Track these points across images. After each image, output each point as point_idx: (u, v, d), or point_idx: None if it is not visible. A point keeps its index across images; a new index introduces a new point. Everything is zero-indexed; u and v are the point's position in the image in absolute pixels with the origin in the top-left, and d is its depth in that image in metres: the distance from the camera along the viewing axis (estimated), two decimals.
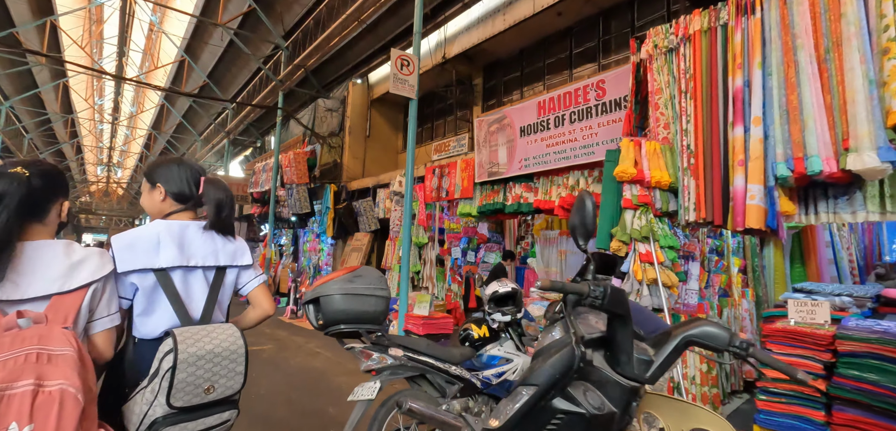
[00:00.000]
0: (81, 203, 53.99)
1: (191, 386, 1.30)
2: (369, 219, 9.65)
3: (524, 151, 6.40)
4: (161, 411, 1.28)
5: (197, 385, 1.31)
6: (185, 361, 1.28)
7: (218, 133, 19.94)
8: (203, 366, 1.32)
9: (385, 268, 8.78)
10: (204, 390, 1.32)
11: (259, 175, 13.51)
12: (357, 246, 9.89)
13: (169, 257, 1.42)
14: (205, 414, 1.35)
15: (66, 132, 25.10)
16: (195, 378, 1.30)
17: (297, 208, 10.57)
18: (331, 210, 10.41)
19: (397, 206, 8.83)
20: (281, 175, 11.43)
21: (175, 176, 1.55)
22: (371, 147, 11.67)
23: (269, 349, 6.58)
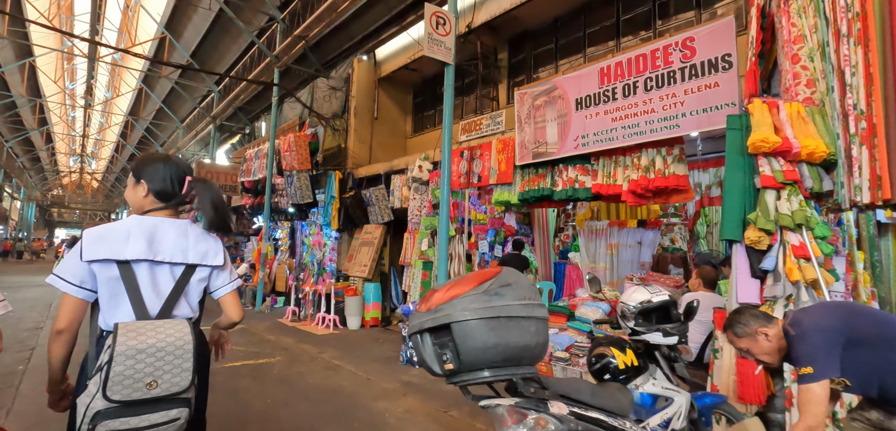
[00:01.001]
0: (53, 197, 51.31)
1: (129, 380, 1.28)
2: (382, 209, 8.61)
3: (581, 127, 5.45)
4: (101, 404, 1.27)
5: (136, 378, 1.29)
6: (123, 354, 1.28)
7: (202, 119, 18.53)
8: (143, 360, 1.30)
9: (404, 264, 7.77)
10: (145, 385, 1.30)
11: (251, 163, 12.30)
12: (367, 240, 8.84)
13: (135, 250, 1.42)
14: (149, 410, 1.32)
15: (35, 119, 23.27)
16: (134, 372, 1.28)
17: (298, 197, 9.46)
18: (336, 200, 9.33)
19: (416, 194, 7.82)
20: (278, 161, 10.28)
21: (159, 174, 1.55)
22: (377, 131, 10.59)
23: (279, 362, 5.53)
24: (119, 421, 1.28)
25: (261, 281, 10.23)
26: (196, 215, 1.61)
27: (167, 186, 1.54)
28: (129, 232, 1.44)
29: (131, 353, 1.28)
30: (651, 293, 2.25)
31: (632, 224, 6.24)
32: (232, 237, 16.63)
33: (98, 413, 1.27)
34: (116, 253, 1.40)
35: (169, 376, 1.33)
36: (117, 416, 1.28)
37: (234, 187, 14.40)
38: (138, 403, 1.30)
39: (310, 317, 8.66)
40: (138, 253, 1.42)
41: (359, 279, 8.55)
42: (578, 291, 6.39)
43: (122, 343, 1.28)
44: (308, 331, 7.74)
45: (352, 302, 8.06)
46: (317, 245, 8.93)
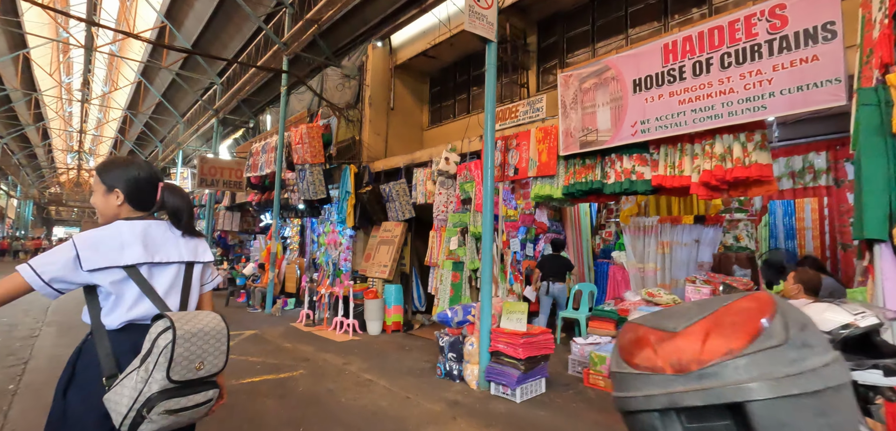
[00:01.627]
0: (50, 195, 50.57)
1: (186, 361, 1.37)
2: (403, 205, 8.02)
3: (639, 112, 4.87)
4: (157, 386, 1.33)
5: (191, 360, 1.38)
6: (183, 337, 1.36)
7: (203, 113, 17.87)
8: (196, 343, 1.39)
9: (429, 265, 7.19)
10: (195, 366, 1.39)
11: (257, 157, 11.68)
12: (386, 238, 8.25)
13: (134, 255, 1.46)
14: (194, 391, 1.40)
15: (30, 114, 22.59)
16: (190, 353, 1.37)
17: (310, 193, 8.86)
18: (351, 195, 8.73)
19: (442, 188, 7.23)
20: (288, 155, 9.67)
21: (133, 182, 1.54)
22: (393, 123, 9.99)
23: (303, 376, 4.95)
24: (173, 401, 1.36)
25: (270, 282, 9.65)
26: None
27: (143, 194, 1.56)
28: (123, 238, 1.47)
29: (188, 336, 1.37)
30: (853, 314, 1.67)
31: (687, 220, 5.67)
32: (236, 238, 16.04)
33: (153, 396, 1.33)
34: (115, 260, 1.43)
35: (212, 357, 1.44)
36: (170, 397, 1.35)
37: (238, 182, 13.77)
38: (187, 384, 1.39)
39: (325, 321, 8.08)
40: (137, 258, 1.46)
41: (378, 280, 7.96)
42: (627, 294, 5.82)
43: (180, 328, 1.36)
44: (326, 337, 7.16)
45: (372, 306, 7.48)
46: (332, 244, 8.35)
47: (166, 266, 1.53)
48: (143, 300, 1.46)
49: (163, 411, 1.33)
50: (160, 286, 1.50)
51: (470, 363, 4.73)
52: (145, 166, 1.60)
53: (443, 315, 5.13)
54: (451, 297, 6.43)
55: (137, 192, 1.54)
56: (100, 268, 1.39)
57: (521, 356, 4.23)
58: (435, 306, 6.78)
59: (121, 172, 1.54)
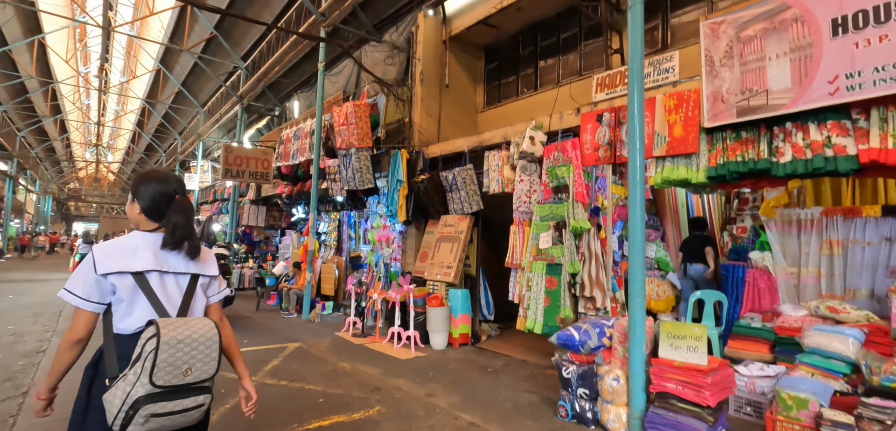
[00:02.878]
0: (69, 190, 50.51)
1: (171, 367, 1.41)
2: (469, 195, 6.78)
3: (844, 62, 3.54)
4: (143, 390, 1.38)
5: (176, 366, 1.42)
6: (167, 343, 1.41)
7: (225, 101, 16.85)
8: (182, 349, 1.44)
9: (510, 266, 5.95)
10: (182, 372, 1.43)
11: (288, 145, 10.55)
12: (448, 234, 7.03)
13: (145, 262, 1.56)
14: (183, 396, 1.45)
15: (47, 106, 21.89)
16: (175, 359, 1.42)
17: (357, 181, 7.67)
18: (404, 185, 7.52)
19: (524, 174, 5.97)
20: (326, 140, 8.50)
21: (150, 194, 1.65)
22: (445, 103, 8.75)
23: (382, 415, 3.75)
24: (159, 405, 1.40)
25: (308, 285, 8.50)
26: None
27: (157, 204, 1.65)
28: (136, 247, 1.58)
29: (173, 343, 1.42)
30: None
31: (871, 212, 4.34)
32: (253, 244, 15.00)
33: (139, 399, 1.38)
34: (128, 266, 1.53)
35: (201, 364, 1.47)
36: (158, 400, 1.40)
37: (265, 174, 12.69)
38: (176, 389, 1.43)
39: (378, 331, 6.90)
40: (147, 265, 1.56)
41: (441, 283, 6.75)
42: (783, 307, 4.51)
43: (165, 335, 1.41)
44: (386, 353, 5.98)
45: (437, 315, 6.27)
46: (383, 241, 7.16)
47: (174, 276, 1.62)
48: (148, 308, 1.54)
49: (148, 414, 1.38)
50: (166, 295, 1.59)
51: (613, 403, 3.49)
52: (166, 181, 1.68)
53: (567, 338, 3.89)
54: (547, 307, 5.18)
55: (151, 203, 1.64)
56: (112, 272, 1.51)
57: (709, 402, 2.96)
58: (521, 317, 5.54)
59: (142, 183, 1.66)
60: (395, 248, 7.32)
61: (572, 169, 5.39)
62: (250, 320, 8.27)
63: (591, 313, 5.23)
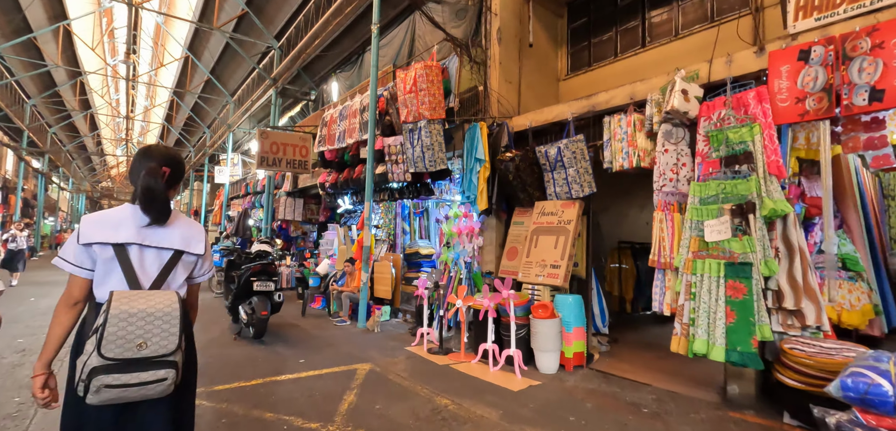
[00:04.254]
0: (102, 189, 51.10)
1: (121, 340, 1.42)
2: (579, 175, 5.30)
3: None
4: (96, 361, 1.40)
5: (128, 339, 1.43)
6: (116, 316, 1.43)
7: (255, 88, 15.74)
8: (135, 323, 1.44)
9: (658, 266, 4.43)
10: (136, 345, 1.44)
11: (333, 126, 9.25)
12: (548, 225, 5.55)
13: (127, 234, 1.58)
14: (139, 369, 1.45)
15: (76, 100, 21.33)
16: (126, 332, 1.42)
17: (427, 161, 6.27)
18: (485, 164, 6.08)
19: (669, 142, 4.45)
20: (388, 113, 7.13)
21: (135, 167, 1.66)
22: (525, 68, 7.26)
23: None
24: (112, 377, 1.41)
25: (364, 287, 7.17)
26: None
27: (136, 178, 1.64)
28: (121, 219, 1.60)
29: (124, 316, 1.43)
30: None
31: None
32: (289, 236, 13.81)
33: (94, 369, 1.40)
34: (109, 237, 1.56)
35: (158, 338, 1.47)
36: (110, 372, 1.41)
37: (303, 162, 11.45)
38: (130, 362, 1.43)
39: (462, 347, 5.49)
40: (129, 238, 1.58)
41: (544, 287, 5.29)
42: None
43: (115, 307, 1.43)
44: (484, 380, 4.57)
45: (546, 329, 4.82)
46: (466, 234, 5.74)
47: (156, 250, 1.63)
48: (121, 278, 1.56)
49: (101, 385, 1.40)
50: (145, 268, 1.61)
51: None
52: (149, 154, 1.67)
53: (866, 387, 2.37)
54: (732, 325, 3.66)
55: (132, 176, 1.66)
56: (92, 242, 1.55)
57: None
58: (678, 335, 4.03)
59: (135, 159, 1.70)
60: (479, 243, 5.88)
61: (758, 130, 3.84)
62: (298, 328, 7.00)
63: (793, 332, 3.69)
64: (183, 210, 33.60)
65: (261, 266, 5.94)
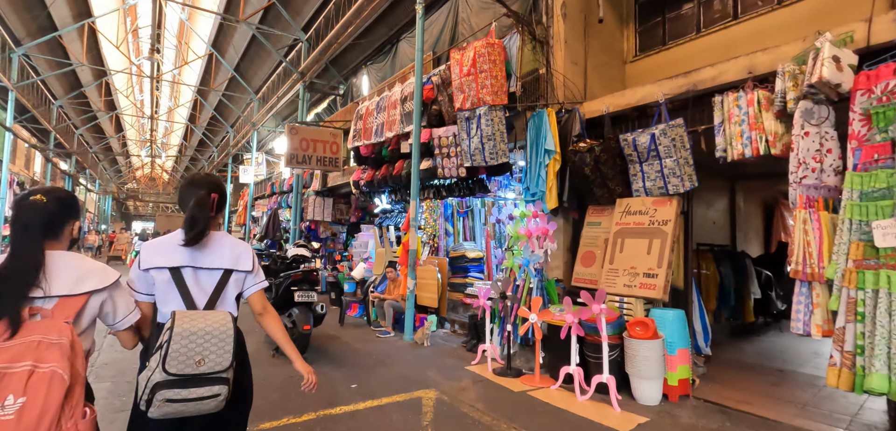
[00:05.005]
0: (128, 190, 51.79)
1: (183, 357, 1.51)
2: (679, 166, 4.45)
3: None
4: (159, 376, 1.50)
5: (189, 356, 1.52)
6: (180, 334, 1.52)
7: (281, 85, 15.21)
8: (195, 341, 1.53)
9: (799, 278, 3.56)
10: (195, 361, 1.53)
11: (369, 119, 8.56)
12: (637, 226, 4.72)
13: (181, 258, 1.72)
14: (197, 385, 1.54)
15: (101, 100, 21.22)
16: (187, 350, 1.52)
17: (487, 154, 5.50)
18: (556, 156, 5.27)
19: (810, 123, 3.58)
20: (437, 101, 6.39)
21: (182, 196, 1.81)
22: (591, 48, 6.42)
23: None
24: (173, 391, 1.50)
25: (411, 295, 6.45)
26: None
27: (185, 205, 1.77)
28: (175, 244, 1.72)
29: (186, 334, 1.52)
30: None
31: None
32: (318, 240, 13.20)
33: (157, 384, 1.50)
34: (165, 261, 1.70)
35: (214, 355, 1.55)
36: (172, 387, 1.50)
37: (333, 159, 10.83)
38: (189, 378, 1.52)
39: (537, 369, 4.70)
40: (182, 261, 1.72)
41: (635, 301, 4.46)
42: None
43: (178, 327, 1.53)
44: (576, 413, 3.79)
45: (648, 352, 3.99)
46: (537, 237, 4.94)
47: (207, 271, 1.75)
48: (178, 299, 1.68)
49: (164, 399, 1.49)
50: (200, 288, 1.72)
51: None
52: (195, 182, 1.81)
53: None
54: None
55: (181, 203, 1.80)
56: (152, 267, 1.69)
57: None
58: (835, 365, 3.17)
59: (182, 187, 1.83)
60: (552, 247, 5.06)
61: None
62: (339, 341, 6.32)
63: None
64: None
65: (302, 274, 5.26)
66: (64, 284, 1.45)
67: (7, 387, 1.22)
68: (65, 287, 1.44)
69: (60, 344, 1.32)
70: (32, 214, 1.47)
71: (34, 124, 18.89)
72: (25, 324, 1.33)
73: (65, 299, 1.44)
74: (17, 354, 1.27)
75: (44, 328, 1.34)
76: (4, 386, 1.22)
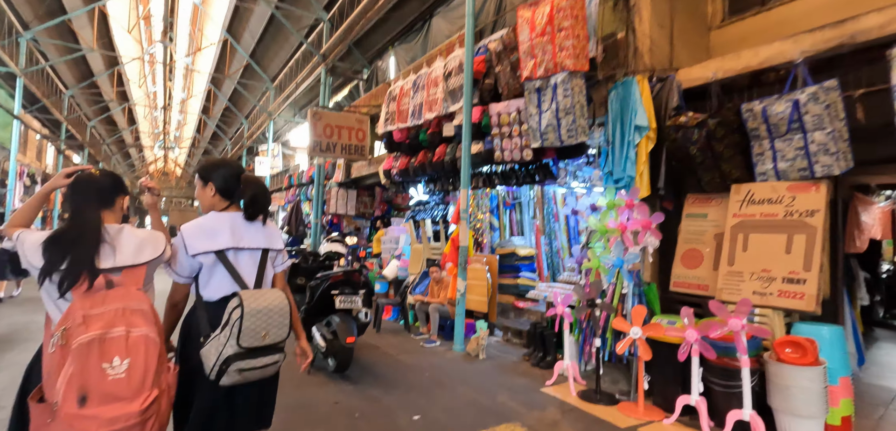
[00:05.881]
0: (141, 186, 51.69)
1: (253, 331, 1.69)
2: (834, 141, 3.47)
3: None
4: (231, 350, 1.67)
5: (256, 331, 1.70)
6: (250, 313, 1.69)
7: (300, 69, 14.37)
8: (261, 317, 1.71)
9: None
10: (261, 336, 1.72)
11: (404, 100, 7.65)
12: (767, 218, 3.75)
13: (224, 240, 1.85)
14: (262, 355, 1.74)
15: (113, 91, 20.62)
16: (256, 325, 1.70)
17: (563, 131, 4.55)
18: (649, 133, 4.32)
19: None
20: (498, 71, 5.46)
21: (221, 176, 1.95)
22: (677, 8, 5.42)
23: None
24: (244, 362, 1.69)
25: (462, 299, 5.55)
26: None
27: (229, 185, 1.95)
28: (216, 228, 1.86)
29: (254, 312, 1.69)
30: None
31: None
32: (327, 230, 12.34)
33: (230, 357, 1.67)
34: (212, 245, 1.83)
35: (275, 329, 1.76)
36: (242, 359, 1.69)
37: (360, 148, 9.97)
38: (256, 349, 1.72)
39: (640, 398, 3.76)
40: (227, 243, 1.85)
41: (773, 313, 3.49)
42: None
43: (249, 306, 1.69)
44: None
45: (808, 382, 3.04)
46: (633, 232, 3.96)
47: (248, 252, 1.91)
48: (228, 279, 1.83)
49: (237, 369, 1.68)
50: (242, 268, 1.87)
51: None
52: (231, 164, 2.00)
53: None
54: None
55: (224, 183, 1.94)
56: (201, 252, 1.81)
57: None
58: None
59: (213, 169, 1.96)
60: (654, 243, 4.07)
61: None
62: (379, 352, 5.44)
63: None
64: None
65: (343, 275, 4.38)
66: (127, 255, 1.60)
67: (111, 349, 1.41)
68: (128, 258, 1.60)
69: (142, 310, 1.51)
70: (89, 185, 1.67)
71: (45, 115, 18.34)
72: (106, 293, 1.50)
73: (129, 269, 1.59)
74: (110, 320, 1.44)
75: (123, 297, 1.51)
76: (108, 349, 1.40)
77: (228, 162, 2.00)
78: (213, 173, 1.94)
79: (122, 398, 1.37)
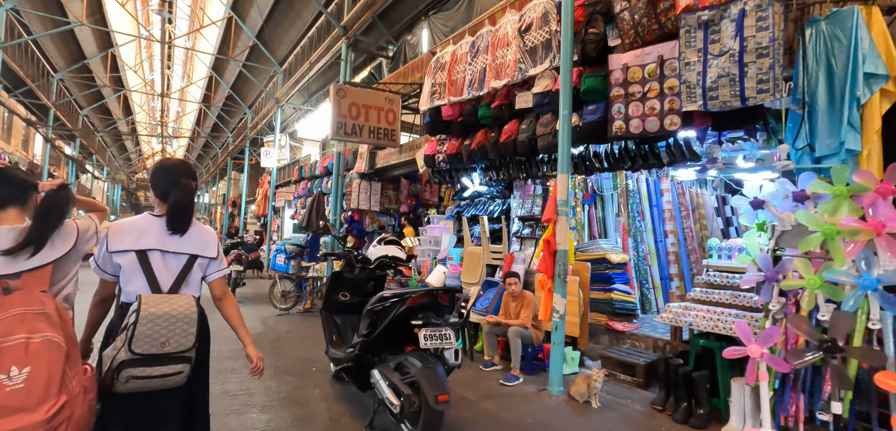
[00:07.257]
0: (138, 181, 49.99)
1: (148, 338, 1.59)
2: None
3: None
4: (125, 355, 1.58)
5: (154, 337, 1.60)
6: (146, 318, 1.59)
7: (312, 51, 12.83)
8: (160, 323, 1.61)
9: None
10: (160, 343, 1.61)
11: (456, 68, 6.15)
12: None
13: (148, 242, 1.78)
14: (161, 364, 1.64)
15: (107, 77, 19.04)
16: (153, 332, 1.60)
17: (747, 86, 3.09)
18: (886, 86, 2.84)
19: None
20: (618, 9, 3.98)
21: (159, 181, 1.88)
22: None
23: None
24: (138, 369, 1.60)
25: (561, 324, 4.06)
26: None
27: (165, 189, 1.85)
28: (144, 228, 1.80)
29: (151, 317, 1.60)
30: None
31: None
32: None
33: (123, 363, 1.58)
34: (134, 245, 1.76)
35: (178, 337, 1.65)
36: (137, 366, 1.59)
37: (390, 132, 8.47)
38: (154, 357, 1.61)
39: None
40: (151, 245, 1.78)
41: None
42: None
43: (144, 310, 1.60)
44: None
45: None
46: (892, 233, 2.52)
47: (174, 255, 1.81)
48: (143, 281, 1.74)
49: (129, 376, 1.59)
50: (163, 272, 1.78)
51: None
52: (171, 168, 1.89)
53: None
54: None
55: (162, 189, 1.86)
56: (119, 250, 1.75)
57: None
58: None
59: (155, 172, 1.90)
60: None
61: None
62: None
63: None
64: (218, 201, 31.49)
65: (427, 296, 2.87)
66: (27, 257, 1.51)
67: (7, 360, 1.29)
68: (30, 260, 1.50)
69: (46, 314, 1.42)
70: None
71: (31, 99, 16.75)
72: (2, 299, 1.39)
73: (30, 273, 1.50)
74: (8, 328, 1.33)
75: (24, 300, 1.41)
76: (4, 359, 1.29)
77: (168, 165, 1.93)
78: (154, 175, 1.91)
79: (23, 409, 1.28)
